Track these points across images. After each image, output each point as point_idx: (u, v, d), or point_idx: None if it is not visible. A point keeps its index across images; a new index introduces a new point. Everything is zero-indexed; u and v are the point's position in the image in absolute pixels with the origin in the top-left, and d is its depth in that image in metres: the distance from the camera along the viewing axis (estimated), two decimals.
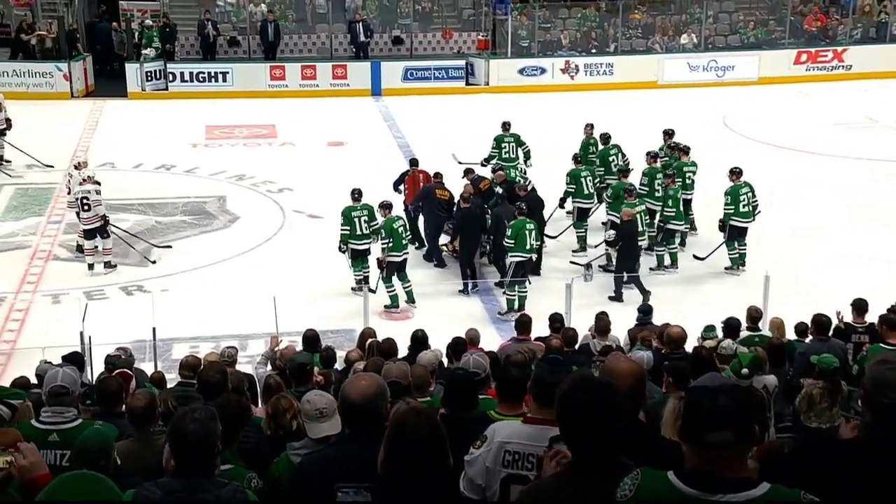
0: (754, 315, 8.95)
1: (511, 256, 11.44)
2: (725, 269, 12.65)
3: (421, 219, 13.01)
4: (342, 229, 11.62)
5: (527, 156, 14.72)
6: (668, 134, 14.37)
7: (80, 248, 12.83)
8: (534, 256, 11.63)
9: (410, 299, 11.63)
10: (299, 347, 8.40)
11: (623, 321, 9.42)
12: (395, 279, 11.57)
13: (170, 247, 13.16)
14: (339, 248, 11.74)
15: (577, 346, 8.48)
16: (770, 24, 25.26)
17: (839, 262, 12.83)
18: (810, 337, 8.30)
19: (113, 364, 7.66)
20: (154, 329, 9.21)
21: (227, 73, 22.26)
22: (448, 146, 16.34)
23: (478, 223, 12.16)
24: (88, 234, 12.36)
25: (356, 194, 11.75)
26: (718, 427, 2.55)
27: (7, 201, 15.05)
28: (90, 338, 8.69)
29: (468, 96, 22.19)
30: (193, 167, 16.95)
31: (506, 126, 14.85)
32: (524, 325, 8.80)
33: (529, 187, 12.81)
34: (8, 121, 16.26)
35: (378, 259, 11.50)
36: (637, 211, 11.97)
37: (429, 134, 18.34)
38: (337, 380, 6.86)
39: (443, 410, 4.49)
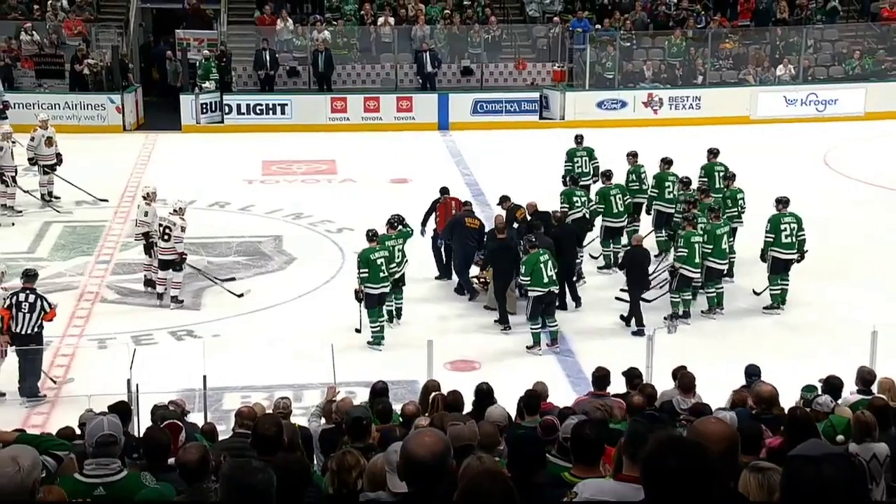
0: (866, 377, 8.52)
1: (530, 292, 11.80)
2: (764, 308, 12.91)
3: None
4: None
5: (595, 171, 15.39)
6: (712, 158, 14.72)
7: (149, 283, 13.26)
8: (554, 289, 11.89)
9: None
10: (357, 400, 8.44)
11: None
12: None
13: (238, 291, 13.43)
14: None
15: (658, 404, 8.36)
16: (879, 53, 24.88)
17: None
18: None
19: (161, 415, 7.80)
20: (204, 377, 9.35)
21: (286, 105, 22.73)
22: (520, 184, 16.39)
23: (511, 255, 12.40)
24: (163, 265, 12.95)
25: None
26: (824, 502, 2.49)
27: (55, 240, 15.49)
28: (137, 386, 8.85)
29: (542, 131, 22.27)
30: (248, 205, 17.30)
31: (578, 139, 15.93)
32: (602, 379, 8.72)
33: (569, 217, 13.36)
34: (58, 155, 16.77)
35: (355, 290, 11.88)
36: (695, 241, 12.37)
37: (499, 171, 18.43)
38: (400, 435, 6.87)
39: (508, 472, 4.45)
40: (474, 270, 13.42)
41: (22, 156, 16.62)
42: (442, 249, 13.69)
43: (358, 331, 11.92)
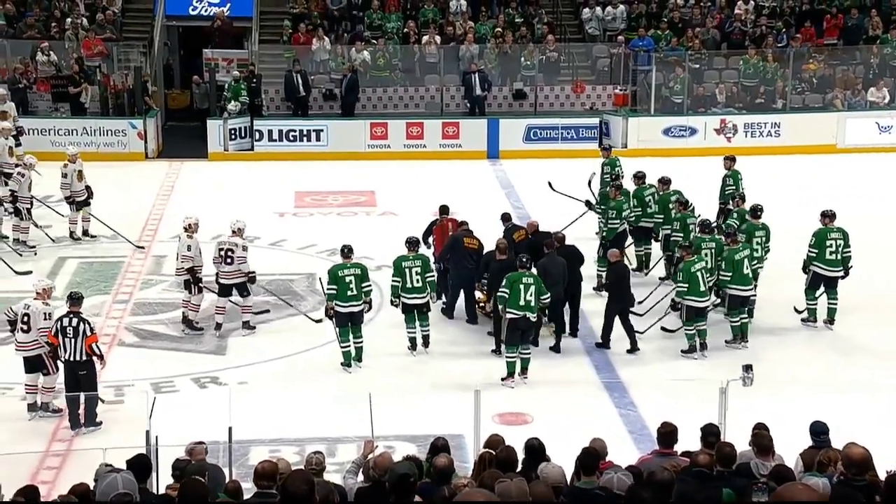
0: None
1: (507, 313, 12.18)
2: (802, 319, 13.72)
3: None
4: (393, 280, 12.89)
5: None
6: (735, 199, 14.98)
7: (187, 322, 13.47)
8: (531, 316, 12.20)
9: (357, 357, 12.74)
10: (397, 456, 8.45)
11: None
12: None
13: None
14: (392, 302, 13.12)
15: (734, 466, 8.26)
16: None
17: None
18: None
19: (182, 470, 7.86)
20: (230, 429, 9.40)
21: (321, 131, 23.00)
22: (578, 219, 16.45)
23: None
24: (224, 290, 13.48)
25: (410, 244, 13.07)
26: None
27: (70, 277, 15.73)
28: (157, 438, 8.94)
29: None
30: (280, 239, 17.47)
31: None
32: (668, 435, 8.64)
33: (620, 229, 14.72)
34: (88, 189, 17.03)
35: (325, 306, 12.79)
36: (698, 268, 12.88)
37: (554, 204, 18.42)
38: (441, 497, 6.85)
39: None
40: (476, 294, 13.96)
41: (37, 185, 16.97)
42: (443, 270, 14.19)
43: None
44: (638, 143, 22.98)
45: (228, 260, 13.40)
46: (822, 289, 13.79)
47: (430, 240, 14.56)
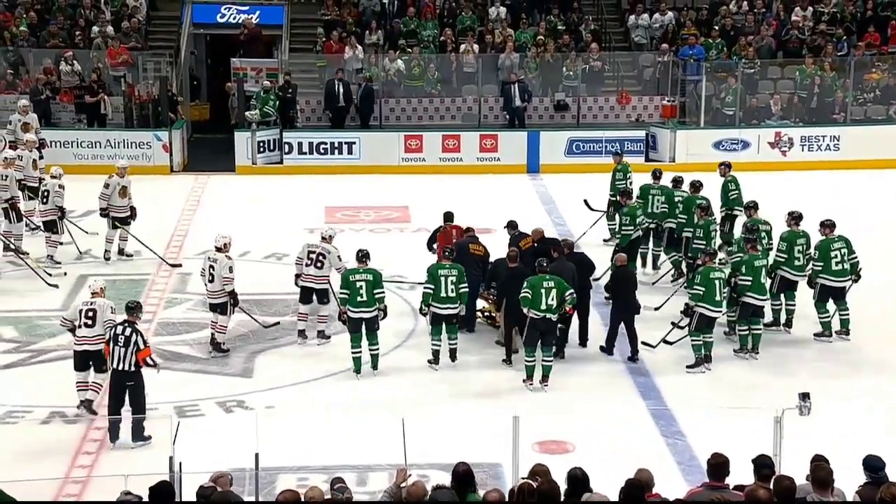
0: None
1: (529, 313, 12.58)
2: (815, 335, 14.00)
3: None
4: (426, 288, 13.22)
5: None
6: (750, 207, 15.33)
7: (216, 346, 13.57)
8: (552, 317, 12.63)
9: (373, 365, 13.13)
10: (430, 484, 8.44)
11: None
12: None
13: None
14: (420, 310, 13.52)
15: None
16: None
17: None
18: None
19: (207, 498, 7.90)
20: (256, 455, 9.44)
21: (353, 143, 23.13)
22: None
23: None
24: (305, 296, 14.17)
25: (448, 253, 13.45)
26: None
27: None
28: (181, 464, 8.99)
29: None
30: None
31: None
32: (719, 467, 8.57)
33: (633, 236, 15.29)
34: (132, 208, 17.05)
35: (339, 311, 13.37)
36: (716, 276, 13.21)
37: (598, 221, 18.40)
38: None
39: None
40: (479, 303, 14.30)
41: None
42: None
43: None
44: (686, 156, 22.90)
45: (318, 264, 14.01)
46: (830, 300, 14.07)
47: (435, 246, 14.87)
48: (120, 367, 11.23)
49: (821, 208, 15.20)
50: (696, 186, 15.97)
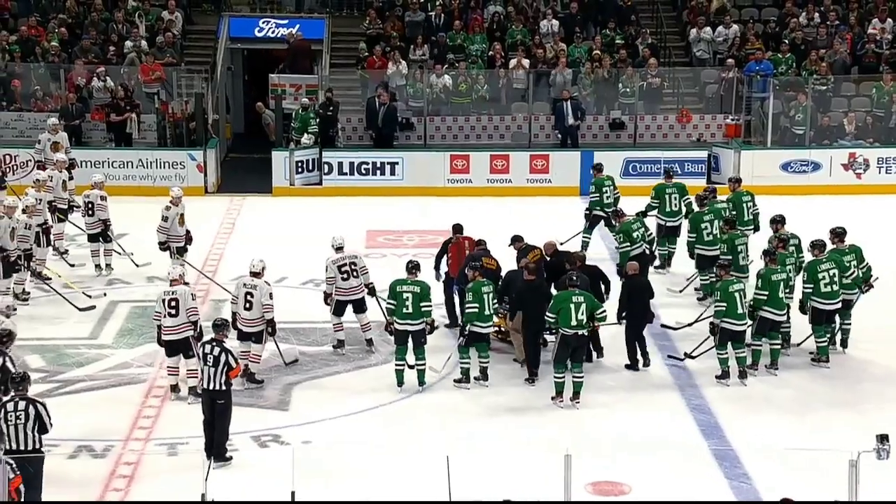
0: None
1: (561, 330, 12.96)
2: (812, 359, 14.23)
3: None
4: (469, 306, 13.52)
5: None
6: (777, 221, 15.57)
7: (250, 377, 13.57)
8: (583, 332, 12.97)
9: (420, 381, 13.54)
10: None
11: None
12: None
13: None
14: (461, 330, 13.75)
15: None
16: None
17: None
18: None
19: None
20: (293, 493, 9.46)
21: (396, 164, 23.21)
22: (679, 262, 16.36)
23: (545, 298, 13.52)
24: (339, 308, 14.77)
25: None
26: None
27: (121, 323, 15.99)
28: (213, 501, 9.01)
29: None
30: None
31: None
32: None
33: (632, 252, 15.63)
34: (188, 234, 17.18)
35: (386, 321, 13.87)
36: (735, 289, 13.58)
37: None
38: None
39: None
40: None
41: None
42: (455, 295, 15.03)
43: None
44: (752, 179, 22.59)
45: (355, 273, 14.59)
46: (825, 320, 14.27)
47: (445, 259, 15.24)
48: (210, 387, 11.55)
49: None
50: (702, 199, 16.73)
